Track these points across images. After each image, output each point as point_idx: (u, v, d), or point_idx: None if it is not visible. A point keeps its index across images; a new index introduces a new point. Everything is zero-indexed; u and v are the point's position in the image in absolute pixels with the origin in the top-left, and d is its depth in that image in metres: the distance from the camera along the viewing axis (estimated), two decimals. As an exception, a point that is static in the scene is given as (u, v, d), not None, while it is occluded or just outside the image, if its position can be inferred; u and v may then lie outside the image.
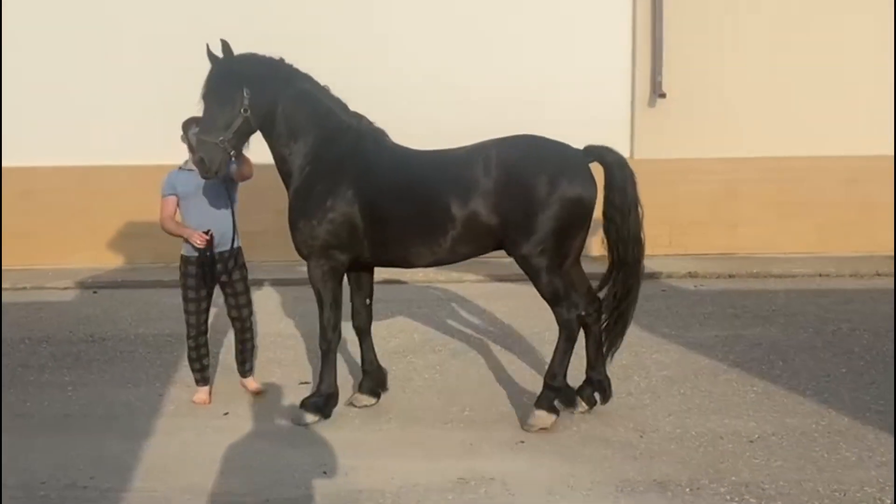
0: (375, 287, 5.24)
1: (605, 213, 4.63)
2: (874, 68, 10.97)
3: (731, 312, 7.75)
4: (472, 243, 4.60)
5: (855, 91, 10.97)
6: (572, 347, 4.67)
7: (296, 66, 4.78)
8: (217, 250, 5.09)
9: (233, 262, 5.20)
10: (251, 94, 4.54)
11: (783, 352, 6.24)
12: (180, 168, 5.17)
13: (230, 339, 6.78)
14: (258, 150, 4.96)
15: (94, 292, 9.27)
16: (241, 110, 4.53)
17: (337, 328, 4.85)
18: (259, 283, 9.24)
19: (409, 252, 4.66)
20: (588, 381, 4.96)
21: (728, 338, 6.74)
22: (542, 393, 4.71)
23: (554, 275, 4.53)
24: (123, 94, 10.68)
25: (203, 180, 4.94)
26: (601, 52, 10.99)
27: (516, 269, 4.73)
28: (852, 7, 10.95)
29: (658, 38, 10.97)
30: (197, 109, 4.73)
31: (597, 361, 4.92)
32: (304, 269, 4.95)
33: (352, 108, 4.93)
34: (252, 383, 5.47)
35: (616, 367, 5.14)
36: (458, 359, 6.25)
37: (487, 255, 4.82)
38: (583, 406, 4.94)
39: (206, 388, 5.36)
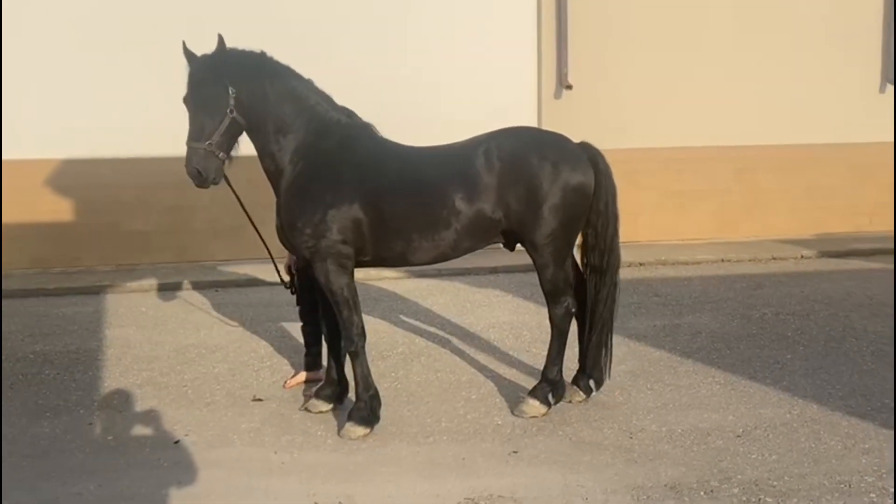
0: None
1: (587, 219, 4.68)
2: (762, 63, 11.60)
3: (658, 301, 7.92)
4: (475, 237, 4.55)
5: (744, 84, 11.55)
6: (565, 344, 4.77)
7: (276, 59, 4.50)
8: None
9: None
10: (237, 92, 4.23)
11: (725, 340, 6.40)
12: None
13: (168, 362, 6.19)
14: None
15: (-33, 304, 8.15)
16: (228, 111, 4.21)
17: (360, 326, 4.54)
18: (170, 286, 8.51)
19: (410, 248, 4.49)
20: (582, 371, 4.99)
21: (666, 327, 6.86)
22: (538, 384, 4.80)
23: (560, 267, 4.59)
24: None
25: None
26: (508, 45, 10.94)
27: (440, 265, 4.79)
28: (744, 4, 11.52)
29: (563, 31, 11.07)
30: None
31: (589, 351, 4.91)
32: (209, 269, 4.52)
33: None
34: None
35: (573, 362, 5.07)
36: (412, 363, 5.95)
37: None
38: (580, 395, 4.96)
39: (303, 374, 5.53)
